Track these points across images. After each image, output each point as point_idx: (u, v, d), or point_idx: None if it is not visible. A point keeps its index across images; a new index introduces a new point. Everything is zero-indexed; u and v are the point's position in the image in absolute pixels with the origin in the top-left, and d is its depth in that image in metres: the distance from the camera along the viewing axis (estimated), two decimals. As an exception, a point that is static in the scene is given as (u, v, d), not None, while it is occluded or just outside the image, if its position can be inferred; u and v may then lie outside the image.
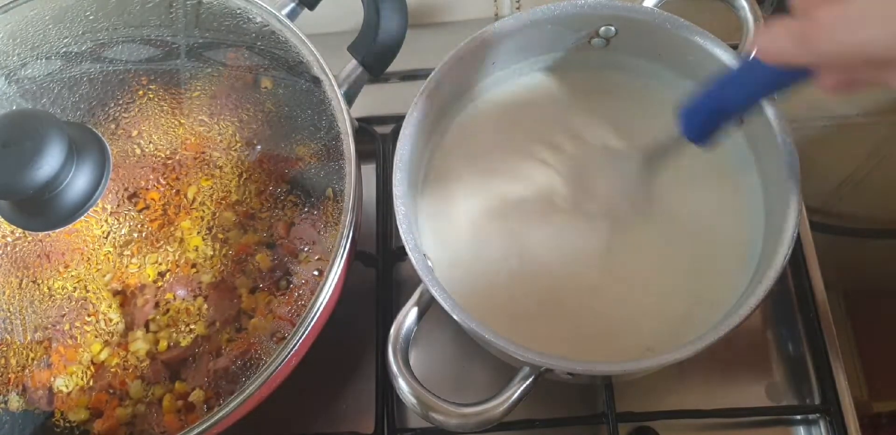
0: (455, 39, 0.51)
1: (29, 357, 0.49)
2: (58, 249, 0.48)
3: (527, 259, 0.53)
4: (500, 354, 0.46)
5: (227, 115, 0.52)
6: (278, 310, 0.48)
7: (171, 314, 0.49)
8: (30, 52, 0.54)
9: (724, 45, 0.50)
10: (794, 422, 0.55)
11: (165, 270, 0.49)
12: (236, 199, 0.50)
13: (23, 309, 0.49)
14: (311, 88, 0.51)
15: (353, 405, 0.57)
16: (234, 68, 0.54)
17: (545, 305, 0.52)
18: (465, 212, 0.55)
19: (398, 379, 0.44)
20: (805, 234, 0.59)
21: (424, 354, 0.58)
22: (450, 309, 0.45)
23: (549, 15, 0.52)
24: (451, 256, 0.53)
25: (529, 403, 0.45)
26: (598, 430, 0.54)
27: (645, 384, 0.56)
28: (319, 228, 0.50)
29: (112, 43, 0.55)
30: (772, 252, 0.45)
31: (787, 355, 0.57)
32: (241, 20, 0.54)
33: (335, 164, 0.49)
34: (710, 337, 0.43)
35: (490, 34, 0.52)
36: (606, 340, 0.50)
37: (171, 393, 0.48)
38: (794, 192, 0.46)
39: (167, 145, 0.51)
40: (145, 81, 0.53)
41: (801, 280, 0.58)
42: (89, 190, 0.46)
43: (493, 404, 0.44)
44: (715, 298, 0.50)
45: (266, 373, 0.44)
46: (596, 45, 0.55)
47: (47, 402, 0.49)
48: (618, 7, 0.52)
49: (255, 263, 0.49)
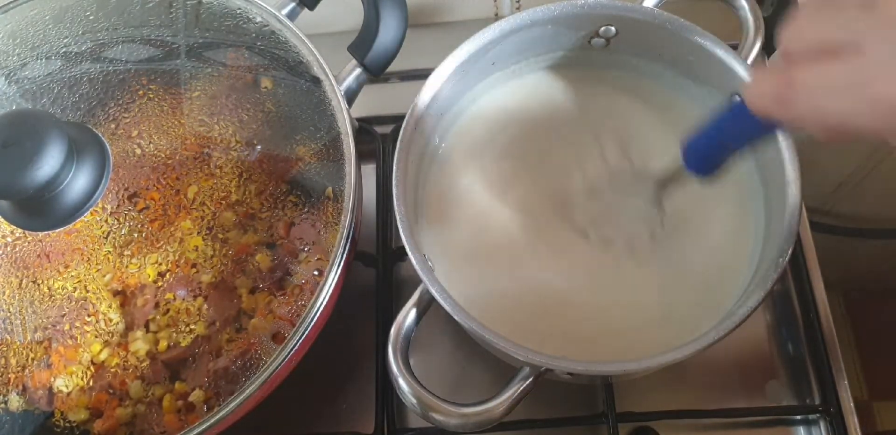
0: (455, 39, 0.51)
1: (29, 357, 0.49)
2: (58, 249, 0.48)
3: (527, 259, 0.53)
4: (500, 354, 0.46)
5: (227, 115, 0.52)
6: (278, 310, 0.48)
7: (171, 314, 0.49)
8: (30, 52, 0.54)
9: (724, 45, 0.50)
10: (794, 422, 0.55)
11: (165, 270, 0.49)
12: (236, 199, 0.50)
13: (23, 309, 0.49)
14: (311, 88, 0.51)
15: (353, 405, 0.57)
16: (234, 68, 0.54)
17: (545, 305, 0.52)
18: (465, 212, 0.55)
19: (398, 379, 0.44)
20: (805, 234, 0.59)
21: (424, 354, 0.58)
22: (450, 309, 0.45)
23: (549, 15, 0.52)
24: (451, 256, 0.53)
25: (529, 403, 0.45)
26: (598, 430, 0.54)
27: (645, 384, 0.56)
28: (319, 228, 0.50)
29: (112, 43, 0.55)
30: (772, 252, 0.45)
31: (787, 355, 0.57)
32: (241, 20, 0.54)
33: (335, 164, 0.49)
34: (710, 337, 0.43)
35: (490, 34, 0.52)
36: (606, 340, 0.50)
37: (171, 393, 0.48)
38: (794, 193, 0.46)
39: (167, 145, 0.51)
40: (145, 81, 0.53)
41: (801, 280, 0.58)
42: (89, 190, 0.46)
43: (493, 404, 0.44)
44: (715, 299, 0.50)
45: (266, 373, 0.44)
46: (596, 45, 0.55)
47: (47, 402, 0.49)
48: (618, 7, 0.52)
49: (255, 263, 0.49)
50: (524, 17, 0.52)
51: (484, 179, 0.56)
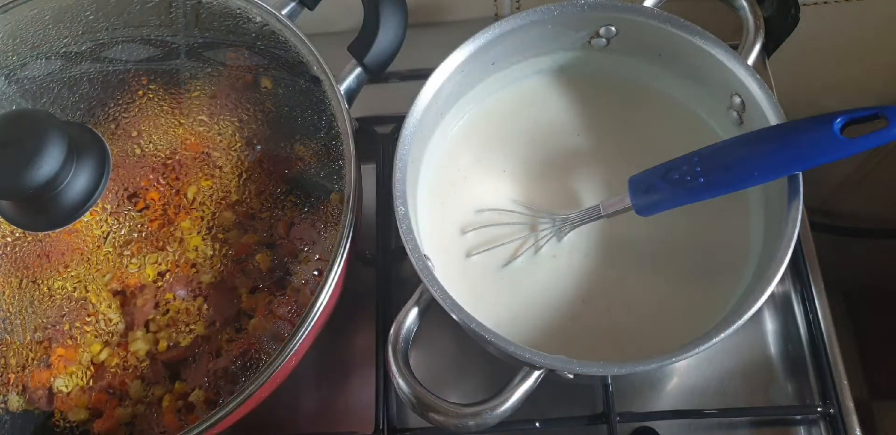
0: (455, 39, 0.51)
1: (29, 357, 0.49)
2: (58, 249, 0.48)
3: (528, 259, 0.53)
4: (500, 354, 0.46)
5: (227, 115, 0.52)
6: (278, 310, 0.48)
7: (171, 314, 0.49)
8: (30, 52, 0.54)
9: (724, 45, 0.50)
10: (794, 422, 0.55)
11: (165, 270, 0.49)
12: (236, 199, 0.50)
13: (23, 309, 0.49)
14: (310, 88, 0.51)
15: (353, 405, 0.57)
16: (234, 68, 0.54)
17: (545, 306, 0.52)
18: (466, 212, 0.55)
19: (398, 379, 0.44)
20: (805, 234, 0.59)
21: (424, 354, 0.58)
22: (450, 309, 0.45)
23: (549, 15, 0.52)
24: (450, 256, 0.53)
25: (529, 403, 0.45)
26: (598, 430, 0.54)
27: (645, 384, 0.56)
28: (319, 228, 0.49)
29: (112, 43, 0.55)
30: (772, 252, 0.45)
31: (787, 355, 0.57)
32: (241, 20, 0.54)
33: (335, 164, 0.49)
34: (710, 337, 0.43)
35: (490, 34, 0.52)
36: (606, 341, 0.50)
37: (171, 393, 0.48)
38: (794, 193, 0.46)
39: (167, 145, 0.51)
40: (145, 81, 0.53)
41: (801, 280, 0.58)
42: (89, 190, 0.46)
43: (493, 404, 0.44)
44: (715, 299, 0.50)
45: (266, 373, 0.44)
46: (596, 45, 0.55)
47: (47, 402, 0.49)
48: (618, 7, 0.52)
49: (255, 263, 0.49)
50: (524, 17, 0.52)
51: (484, 179, 0.56)
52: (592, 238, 0.53)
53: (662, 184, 0.47)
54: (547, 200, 0.55)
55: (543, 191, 0.55)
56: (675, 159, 0.47)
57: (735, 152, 0.45)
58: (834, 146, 0.42)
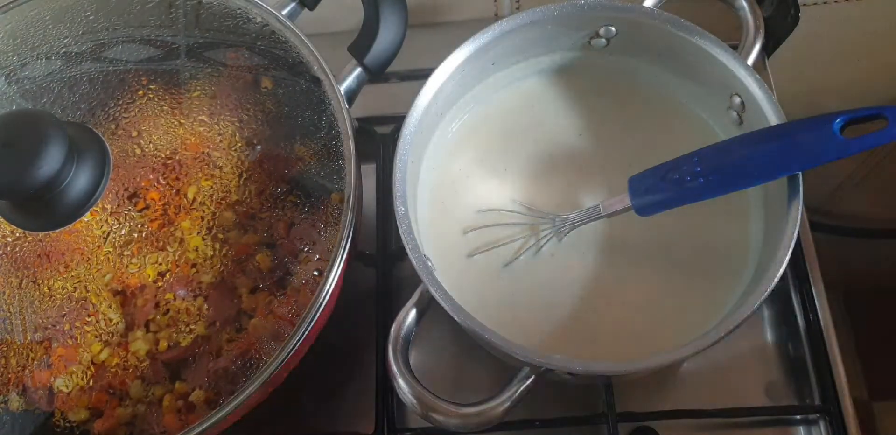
0: (455, 39, 0.51)
1: (29, 357, 0.49)
2: (58, 249, 0.48)
3: (528, 259, 0.53)
4: (500, 354, 0.46)
5: (227, 115, 0.52)
6: (278, 310, 0.48)
7: (171, 314, 0.49)
8: (30, 52, 0.54)
9: (724, 45, 0.50)
10: (794, 422, 0.55)
11: (165, 270, 0.49)
12: (236, 200, 0.50)
13: (23, 309, 0.49)
14: (311, 88, 0.51)
15: (353, 405, 0.57)
16: (234, 68, 0.54)
17: (546, 306, 0.52)
18: (466, 212, 0.55)
19: (398, 379, 0.44)
20: (805, 234, 0.59)
21: (424, 354, 0.58)
22: (450, 309, 0.45)
23: (549, 15, 0.52)
24: (451, 256, 0.53)
25: (529, 403, 0.45)
26: (598, 430, 0.54)
27: (645, 384, 0.56)
28: (319, 227, 0.49)
29: (112, 43, 0.55)
30: (772, 252, 0.45)
31: (787, 355, 0.57)
32: (241, 20, 0.54)
33: (335, 164, 0.49)
34: (710, 337, 0.43)
35: (490, 34, 0.52)
36: (606, 341, 0.50)
37: (171, 393, 0.48)
38: (794, 193, 0.46)
39: (167, 145, 0.51)
40: (145, 81, 0.53)
41: (801, 280, 0.58)
42: (89, 190, 0.46)
43: (493, 404, 0.44)
44: (715, 299, 0.50)
45: (266, 373, 0.44)
46: (596, 45, 0.55)
47: (47, 402, 0.49)
48: (618, 7, 0.52)
49: (255, 263, 0.49)
50: (524, 17, 0.52)
51: (484, 179, 0.56)
52: (593, 238, 0.53)
53: (662, 184, 0.47)
54: (547, 200, 0.55)
55: (543, 191, 0.55)
56: (675, 159, 0.47)
57: (735, 152, 0.45)
58: (834, 146, 0.42)
